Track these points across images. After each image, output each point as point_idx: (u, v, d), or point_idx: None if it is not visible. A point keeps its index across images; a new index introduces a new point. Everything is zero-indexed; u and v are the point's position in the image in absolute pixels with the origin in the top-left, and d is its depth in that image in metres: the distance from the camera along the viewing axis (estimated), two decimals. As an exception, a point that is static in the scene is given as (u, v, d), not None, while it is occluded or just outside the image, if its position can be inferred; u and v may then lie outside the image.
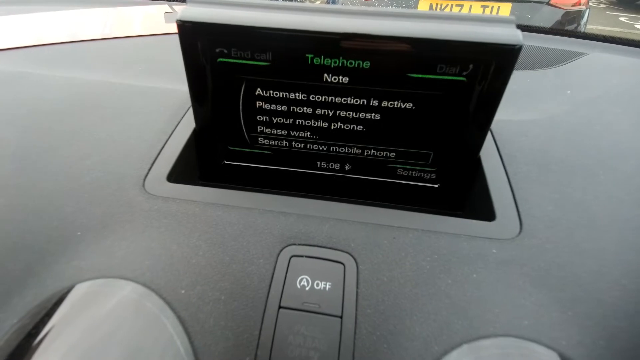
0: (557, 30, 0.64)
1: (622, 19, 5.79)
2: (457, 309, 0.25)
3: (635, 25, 5.41)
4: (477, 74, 0.28)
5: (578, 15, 2.18)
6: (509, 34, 0.26)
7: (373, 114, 0.32)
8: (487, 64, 0.27)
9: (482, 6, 2.09)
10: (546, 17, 2.12)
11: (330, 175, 0.37)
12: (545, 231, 0.28)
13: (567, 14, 2.13)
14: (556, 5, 2.12)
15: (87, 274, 0.26)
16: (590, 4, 2.40)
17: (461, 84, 0.29)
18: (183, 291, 0.25)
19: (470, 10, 2.09)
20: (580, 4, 2.16)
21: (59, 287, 0.26)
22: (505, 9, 2.08)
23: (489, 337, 0.23)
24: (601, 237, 0.28)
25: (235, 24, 0.28)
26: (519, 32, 0.26)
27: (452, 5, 2.10)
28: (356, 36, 0.27)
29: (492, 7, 2.08)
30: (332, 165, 0.36)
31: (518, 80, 0.46)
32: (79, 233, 0.28)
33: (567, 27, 2.13)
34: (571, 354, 0.23)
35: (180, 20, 0.29)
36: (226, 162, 0.38)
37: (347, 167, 0.36)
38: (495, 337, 0.23)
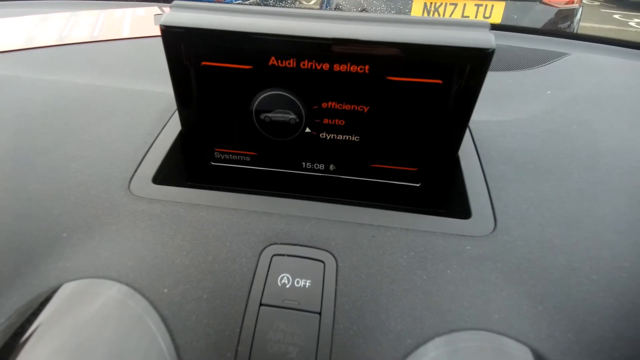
0: (541, 30, 0.64)
1: (616, 16, 5.82)
2: (431, 304, 0.25)
3: (629, 23, 5.43)
4: (452, 76, 0.29)
5: (571, 13, 2.18)
6: (482, 38, 0.27)
7: (353, 117, 0.32)
8: (462, 66, 0.28)
9: (475, 5, 2.09)
10: (539, 15, 2.13)
11: (315, 176, 0.38)
12: (518, 228, 0.29)
13: (560, 12, 2.13)
14: (549, 3, 2.13)
15: (73, 274, 0.27)
16: (583, 1, 2.41)
17: (437, 86, 0.29)
18: (166, 290, 0.26)
19: (464, 9, 2.09)
20: (573, 2, 2.17)
21: (45, 288, 0.26)
22: (499, 8, 2.08)
23: (460, 330, 0.24)
24: (572, 233, 0.29)
25: (218, 29, 0.29)
26: (492, 35, 0.27)
27: (446, 4, 2.10)
28: (337, 41, 0.28)
29: (486, 6, 2.09)
30: (316, 166, 0.37)
31: (499, 81, 0.46)
32: (64, 235, 0.29)
33: (561, 25, 2.14)
34: (540, 346, 0.24)
35: (164, 25, 0.29)
36: (213, 163, 0.38)
37: (331, 167, 0.37)
38: (466, 330, 0.24)
